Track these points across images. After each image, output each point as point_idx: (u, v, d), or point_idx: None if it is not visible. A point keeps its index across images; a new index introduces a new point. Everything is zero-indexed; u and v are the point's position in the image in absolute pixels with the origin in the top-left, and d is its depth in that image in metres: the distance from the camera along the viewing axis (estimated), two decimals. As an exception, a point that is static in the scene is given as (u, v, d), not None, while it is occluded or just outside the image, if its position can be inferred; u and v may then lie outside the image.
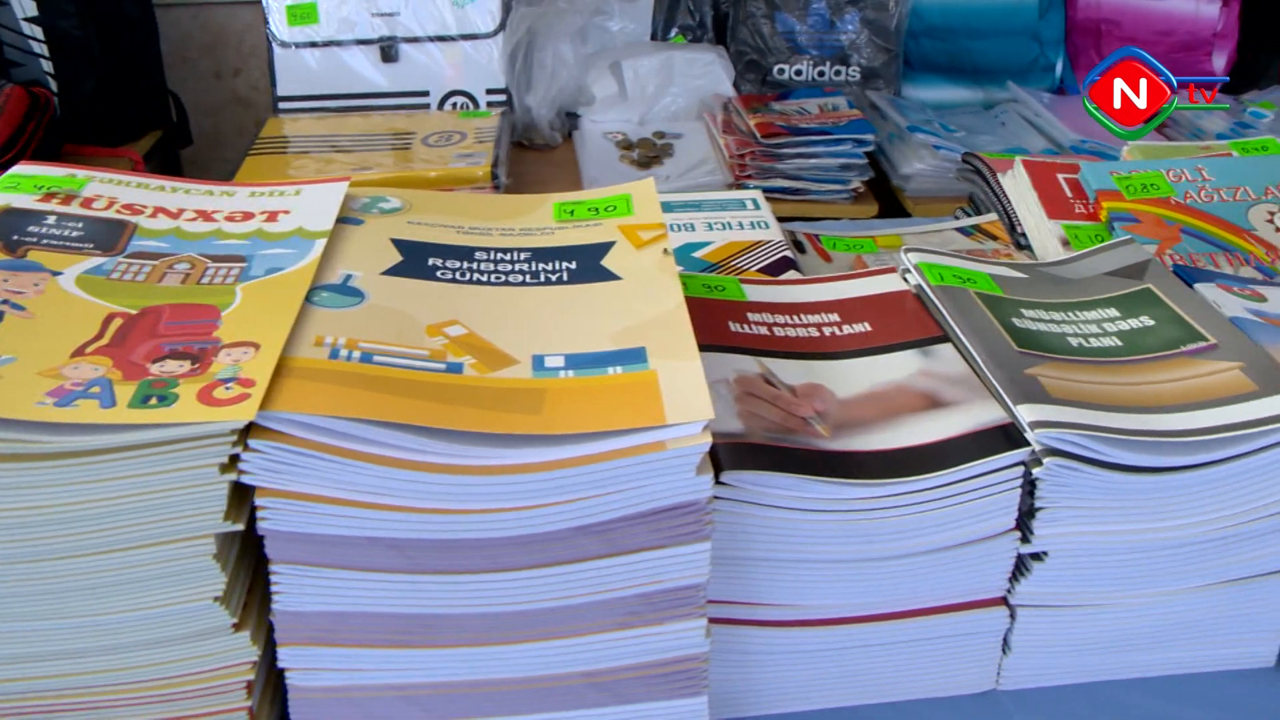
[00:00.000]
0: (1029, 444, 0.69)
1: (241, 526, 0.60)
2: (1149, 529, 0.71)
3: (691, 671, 0.66)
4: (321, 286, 0.71)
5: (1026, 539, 0.71)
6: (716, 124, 2.00)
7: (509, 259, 0.78)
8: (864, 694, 0.74)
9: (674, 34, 2.26)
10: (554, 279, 0.76)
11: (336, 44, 2.00)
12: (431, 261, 0.76)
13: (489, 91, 2.03)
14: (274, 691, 0.67)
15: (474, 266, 0.77)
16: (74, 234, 0.75)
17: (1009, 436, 0.69)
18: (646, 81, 2.11)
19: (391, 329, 0.68)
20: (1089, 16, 2.31)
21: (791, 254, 1.07)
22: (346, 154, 1.79)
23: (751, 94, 2.14)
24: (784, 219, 1.19)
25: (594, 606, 0.64)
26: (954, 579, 0.72)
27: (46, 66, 1.81)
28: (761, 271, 1.03)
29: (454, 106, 2.03)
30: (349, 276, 0.73)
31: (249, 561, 0.65)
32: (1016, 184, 1.15)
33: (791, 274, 1.02)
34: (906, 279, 0.88)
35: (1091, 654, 0.75)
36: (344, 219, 0.80)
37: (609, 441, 0.61)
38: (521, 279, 0.76)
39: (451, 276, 0.75)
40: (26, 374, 0.61)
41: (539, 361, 0.67)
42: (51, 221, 0.76)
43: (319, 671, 0.64)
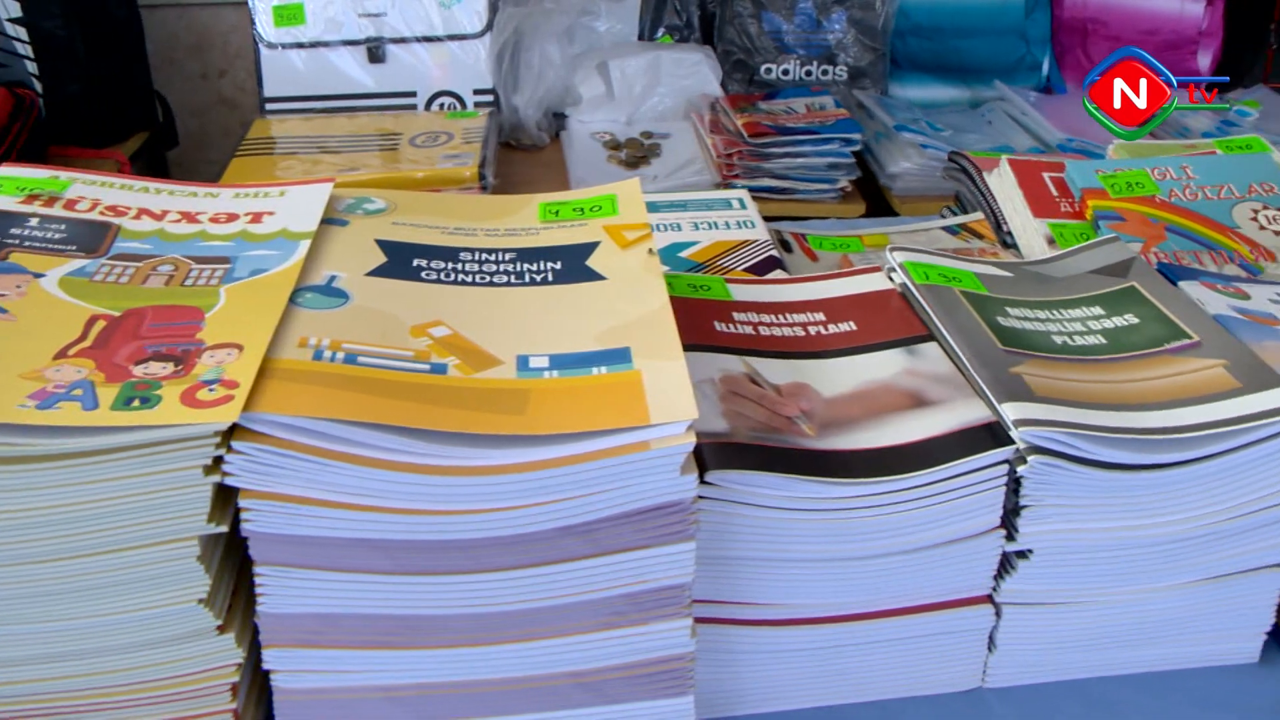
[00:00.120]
0: (1014, 442, 0.69)
1: (225, 528, 0.60)
2: (1134, 526, 0.72)
3: (677, 671, 0.66)
4: (306, 288, 0.71)
5: (1012, 537, 0.71)
6: (704, 124, 2.00)
7: (494, 259, 0.78)
8: (850, 693, 0.74)
9: (661, 34, 2.26)
10: (539, 279, 0.76)
11: (323, 45, 1.99)
12: (416, 262, 0.76)
13: (476, 92, 2.02)
14: (259, 693, 0.67)
15: (459, 267, 0.77)
16: (57, 236, 0.75)
17: (994, 435, 0.70)
18: (634, 81, 2.11)
19: (376, 330, 0.68)
20: (1075, 15, 2.32)
21: (778, 253, 1.07)
22: (334, 155, 1.78)
23: (739, 94, 2.14)
24: (772, 218, 1.19)
25: (579, 607, 0.64)
26: (939, 577, 0.72)
27: (31, 68, 1.80)
28: (748, 271, 1.03)
29: (441, 107, 2.02)
30: (333, 278, 0.73)
31: (233, 563, 0.64)
32: (1002, 183, 1.16)
33: (777, 273, 1.02)
34: (892, 278, 0.88)
35: (1077, 651, 0.76)
36: (329, 220, 0.80)
37: (593, 442, 0.61)
38: (506, 279, 0.76)
39: (436, 277, 0.75)
40: (8, 376, 0.61)
41: (523, 362, 0.67)
42: (34, 223, 0.76)
43: (304, 673, 0.64)
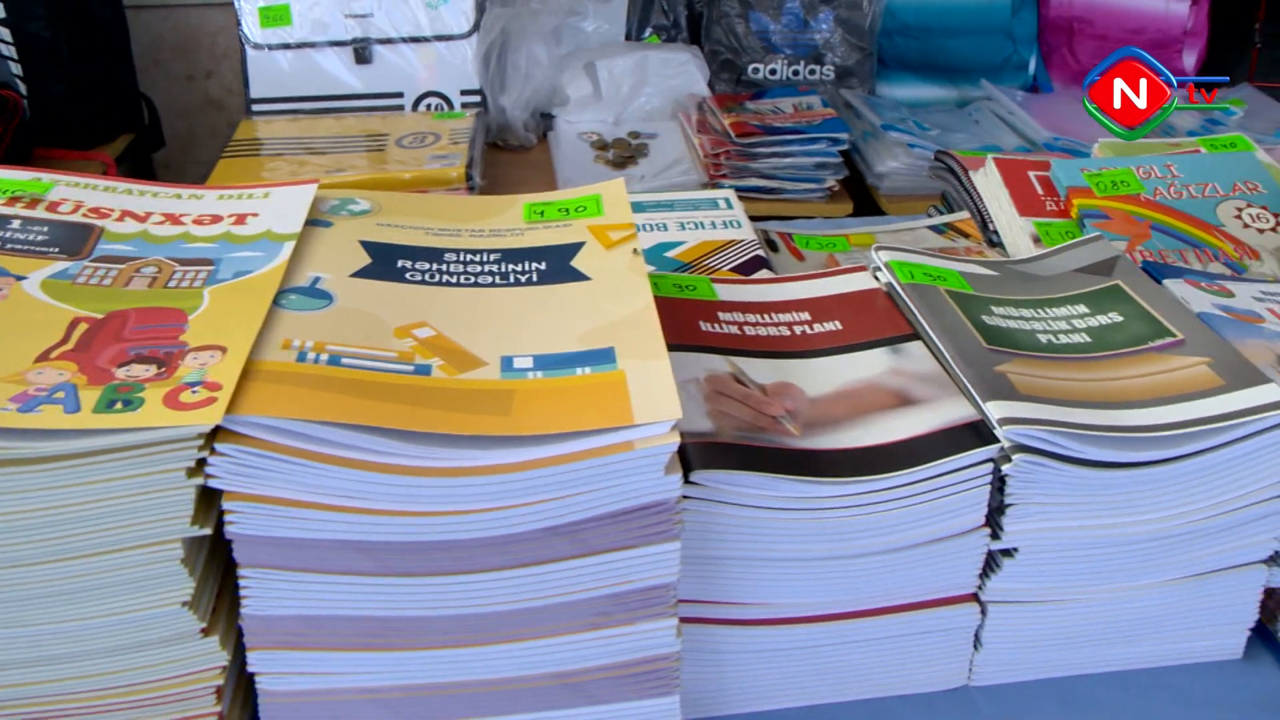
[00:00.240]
0: (998, 441, 0.69)
1: (209, 531, 0.60)
2: (1118, 524, 0.72)
3: (663, 671, 0.66)
4: (290, 289, 0.71)
5: (996, 535, 0.71)
6: (691, 124, 2.00)
7: (479, 260, 0.78)
8: (836, 692, 0.74)
9: (648, 34, 2.26)
10: (523, 280, 0.76)
11: (310, 46, 1.99)
12: (400, 263, 0.76)
13: (463, 93, 2.02)
14: (244, 696, 0.67)
15: (443, 268, 0.76)
16: (39, 238, 0.74)
17: (978, 433, 0.70)
18: (621, 82, 2.11)
19: (360, 331, 0.68)
20: (1061, 15, 2.33)
21: (764, 253, 1.07)
22: (320, 156, 1.78)
23: (726, 93, 2.14)
24: (759, 218, 1.19)
25: (564, 607, 0.64)
26: (925, 576, 0.72)
27: (15, 69, 1.79)
28: (734, 271, 1.04)
29: (428, 108, 2.02)
30: (317, 279, 0.73)
31: (217, 566, 0.64)
32: (988, 182, 1.16)
33: (763, 273, 1.02)
34: (877, 277, 0.88)
35: (1062, 649, 0.76)
36: (313, 221, 0.79)
37: (578, 442, 0.61)
38: (491, 280, 0.76)
39: (421, 278, 0.75)
40: (-11, 379, 0.60)
41: (508, 363, 0.67)
42: (16, 225, 0.75)
43: (289, 676, 0.64)
